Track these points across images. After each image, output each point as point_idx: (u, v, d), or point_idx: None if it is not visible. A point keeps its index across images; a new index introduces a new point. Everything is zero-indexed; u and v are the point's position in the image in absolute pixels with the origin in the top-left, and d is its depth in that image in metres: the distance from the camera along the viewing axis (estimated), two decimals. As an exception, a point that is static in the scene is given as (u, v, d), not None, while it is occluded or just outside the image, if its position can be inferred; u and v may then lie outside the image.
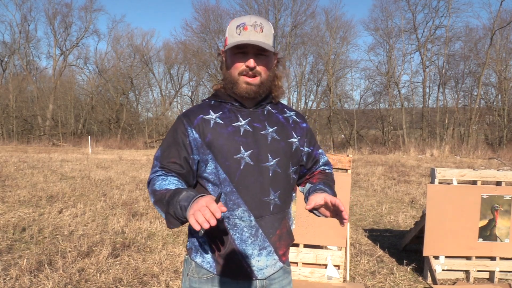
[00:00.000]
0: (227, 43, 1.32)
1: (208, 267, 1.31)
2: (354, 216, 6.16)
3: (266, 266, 1.34)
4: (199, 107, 1.37)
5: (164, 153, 1.32)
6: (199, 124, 1.31)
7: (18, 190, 7.37)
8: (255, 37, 1.27)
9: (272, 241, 1.35)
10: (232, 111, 1.35)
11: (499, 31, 24.75)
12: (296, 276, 3.41)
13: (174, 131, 1.33)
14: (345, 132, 29.96)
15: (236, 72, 1.30)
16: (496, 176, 3.65)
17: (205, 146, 1.30)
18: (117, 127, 31.74)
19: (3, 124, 29.89)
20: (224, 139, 1.29)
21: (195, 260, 1.34)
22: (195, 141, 1.30)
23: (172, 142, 1.32)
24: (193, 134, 1.31)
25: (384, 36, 28.89)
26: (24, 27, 31.63)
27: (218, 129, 1.31)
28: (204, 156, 1.30)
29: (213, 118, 1.33)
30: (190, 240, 1.38)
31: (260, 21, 1.31)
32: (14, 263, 3.73)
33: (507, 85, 24.94)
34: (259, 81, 1.31)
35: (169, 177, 1.27)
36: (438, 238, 3.54)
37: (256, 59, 1.29)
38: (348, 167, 3.53)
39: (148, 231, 4.94)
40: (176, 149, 1.31)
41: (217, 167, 1.29)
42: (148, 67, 32.84)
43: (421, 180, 9.97)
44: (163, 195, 1.21)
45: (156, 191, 1.24)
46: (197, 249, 1.34)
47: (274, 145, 1.34)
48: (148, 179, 1.33)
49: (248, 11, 27.76)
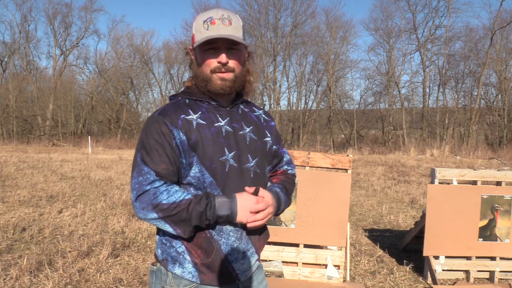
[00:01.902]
0: (195, 39, 1.25)
1: (189, 277, 1.24)
2: (354, 216, 6.16)
3: (249, 267, 1.34)
4: (176, 106, 1.27)
5: (150, 159, 1.19)
6: (183, 124, 1.23)
7: (18, 190, 7.36)
8: (224, 31, 1.22)
9: (253, 242, 1.35)
10: (210, 110, 1.29)
11: (499, 31, 24.77)
12: (296, 276, 3.41)
13: (157, 133, 1.20)
14: (345, 132, 29.96)
15: (208, 70, 1.25)
16: (496, 176, 3.65)
17: (190, 149, 1.22)
18: (117, 127, 31.74)
19: (3, 124, 29.88)
20: (209, 141, 1.24)
21: (173, 272, 1.25)
22: (182, 143, 1.21)
23: (156, 145, 1.20)
24: (180, 136, 1.21)
25: (384, 36, 28.93)
26: (24, 27, 31.67)
27: (201, 130, 1.24)
28: (189, 158, 1.23)
29: (194, 118, 1.25)
30: (163, 251, 1.28)
31: (228, 13, 1.26)
32: (14, 263, 3.73)
33: (507, 85, 24.94)
34: (233, 76, 1.26)
35: (172, 187, 1.19)
36: (438, 238, 3.54)
37: (227, 53, 1.24)
38: (348, 167, 3.53)
39: (148, 231, 4.94)
40: (164, 153, 1.19)
41: (202, 170, 1.23)
42: (148, 67, 32.86)
43: (421, 180, 9.97)
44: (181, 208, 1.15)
45: (164, 205, 1.15)
46: (174, 260, 1.26)
47: (252, 146, 1.33)
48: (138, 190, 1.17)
49: (248, 11, 27.79)
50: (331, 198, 3.44)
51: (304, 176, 3.49)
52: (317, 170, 3.60)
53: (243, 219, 1.20)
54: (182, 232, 1.18)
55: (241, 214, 1.20)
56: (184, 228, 1.17)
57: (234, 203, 1.19)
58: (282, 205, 1.36)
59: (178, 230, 1.17)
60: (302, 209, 3.46)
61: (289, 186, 1.45)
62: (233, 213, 1.19)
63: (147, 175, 1.17)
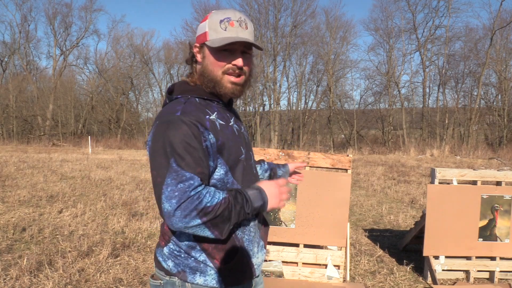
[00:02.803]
0: (208, 38, 1.22)
1: (213, 283, 1.22)
2: (354, 216, 6.16)
3: (262, 261, 1.37)
4: (196, 106, 1.22)
5: (186, 163, 1.11)
6: (211, 126, 1.18)
7: (18, 190, 7.36)
8: (243, 34, 1.21)
9: (261, 235, 1.38)
10: (222, 110, 1.28)
11: (499, 31, 24.76)
12: (296, 276, 3.41)
13: (189, 136, 1.12)
14: (345, 132, 29.96)
15: (219, 71, 1.22)
16: (496, 176, 3.65)
17: (216, 151, 1.19)
18: (117, 127, 31.74)
19: (3, 124, 29.88)
20: (231, 141, 1.23)
21: (194, 282, 1.21)
22: (212, 146, 1.17)
23: (190, 148, 1.12)
24: (211, 138, 1.17)
25: (384, 36, 28.93)
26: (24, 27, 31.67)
27: (224, 131, 1.22)
28: (215, 161, 1.19)
29: (215, 119, 1.22)
30: (178, 263, 1.23)
31: (244, 17, 1.25)
32: (14, 263, 3.73)
33: (507, 85, 24.94)
34: (244, 80, 1.26)
35: (210, 188, 1.15)
36: (438, 238, 3.54)
37: (242, 57, 1.23)
38: (348, 167, 3.53)
39: (148, 231, 4.94)
40: (198, 156, 1.13)
41: (228, 172, 1.22)
42: (148, 67, 32.86)
43: (421, 180, 9.97)
44: (223, 208, 1.12)
45: (209, 208, 1.09)
46: (194, 270, 1.21)
47: (249, 142, 1.39)
48: (180, 197, 1.08)
49: (248, 11, 27.75)
50: (331, 198, 3.44)
51: (304, 176, 3.48)
52: (317, 170, 3.60)
53: (275, 205, 1.23)
54: (219, 233, 1.14)
55: (271, 201, 1.22)
56: (223, 228, 1.14)
57: (263, 192, 1.21)
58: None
59: (216, 232, 1.13)
60: (302, 209, 3.46)
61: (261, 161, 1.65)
62: (265, 202, 1.21)
63: (190, 181, 1.09)
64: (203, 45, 1.25)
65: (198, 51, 1.27)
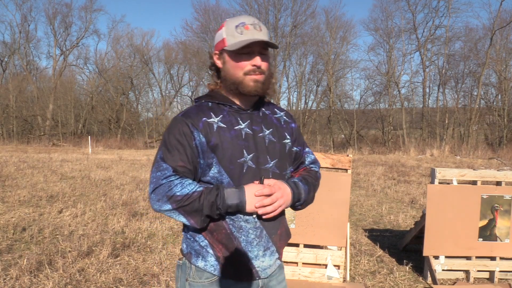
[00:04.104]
0: (226, 43, 1.30)
1: (212, 270, 1.31)
2: (354, 216, 6.16)
3: (269, 265, 1.38)
4: (199, 109, 1.34)
5: (170, 157, 1.27)
6: (204, 127, 1.29)
7: (18, 190, 7.36)
8: (259, 36, 1.28)
9: (274, 241, 1.38)
10: (231, 114, 1.35)
11: (499, 31, 24.75)
12: (296, 276, 3.41)
13: (179, 134, 1.28)
14: (345, 132, 29.96)
15: (240, 72, 1.29)
16: (496, 176, 3.65)
17: (209, 150, 1.28)
18: (117, 127, 31.74)
19: (3, 124, 29.88)
20: (228, 143, 1.29)
21: (196, 265, 1.33)
22: (202, 145, 1.28)
23: (177, 144, 1.27)
24: (200, 138, 1.28)
25: (384, 36, 28.91)
26: (24, 27, 31.67)
27: (221, 133, 1.30)
28: (208, 160, 1.29)
29: (215, 121, 1.31)
30: (188, 245, 1.37)
31: (257, 21, 1.33)
32: (14, 263, 3.73)
33: (507, 85, 24.94)
34: (264, 77, 1.32)
35: (186, 180, 1.26)
36: (438, 238, 3.54)
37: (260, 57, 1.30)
38: (348, 167, 3.53)
39: (148, 231, 4.95)
40: (184, 152, 1.27)
41: (221, 171, 1.29)
42: (148, 67, 32.86)
43: (421, 180, 9.97)
44: (193, 199, 1.22)
45: (178, 196, 1.22)
46: (197, 253, 1.33)
47: (271, 147, 1.37)
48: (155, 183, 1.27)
49: (248, 11, 27.75)
50: (331, 198, 3.44)
51: (304, 176, 3.49)
52: (317, 170, 3.59)
53: (252, 206, 1.26)
54: (195, 222, 1.25)
55: (249, 202, 1.25)
56: (197, 218, 1.24)
57: (242, 192, 1.25)
58: (302, 193, 1.39)
59: (192, 220, 1.24)
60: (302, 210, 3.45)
61: (310, 179, 1.47)
62: (242, 201, 1.25)
63: (165, 171, 1.26)
64: (222, 51, 1.33)
65: (218, 58, 1.36)
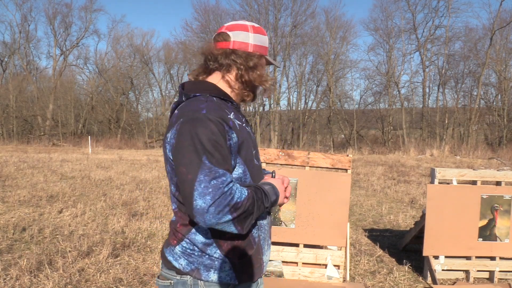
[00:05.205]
0: (266, 53, 1.37)
1: (227, 280, 1.23)
2: (354, 216, 6.16)
3: (269, 259, 1.41)
4: (217, 105, 1.23)
5: (217, 160, 1.12)
6: (234, 125, 1.21)
7: (18, 190, 7.36)
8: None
9: (270, 233, 1.42)
10: (236, 110, 1.31)
11: (499, 31, 24.76)
12: (296, 276, 3.41)
13: (216, 134, 1.14)
14: (345, 132, 29.95)
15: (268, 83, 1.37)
16: (496, 176, 3.65)
17: (237, 150, 1.21)
18: (117, 127, 31.74)
19: (3, 124, 29.87)
20: (248, 141, 1.26)
21: (208, 280, 1.22)
22: (235, 145, 1.19)
23: (218, 146, 1.13)
24: (234, 138, 1.19)
25: (384, 36, 28.91)
26: (24, 27, 31.64)
27: (242, 131, 1.24)
28: (235, 160, 1.21)
29: (232, 118, 1.24)
30: (191, 261, 1.24)
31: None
32: (14, 263, 3.73)
33: (507, 85, 24.94)
34: None
35: (237, 184, 1.17)
36: (438, 238, 3.54)
37: None
38: (348, 167, 3.53)
39: (148, 231, 4.95)
40: (225, 153, 1.15)
41: (245, 170, 1.24)
42: (148, 67, 32.85)
43: (421, 180, 9.97)
44: (249, 204, 1.14)
45: (238, 204, 1.11)
46: (208, 267, 1.23)
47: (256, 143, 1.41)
48: (215, 193, 1.08)
49: (248, 11, 27.76)
50: (331, 198, 3.44)
51: (304, 176, 3.49)
52: (317, 170, 3.60)
53: (283, 201, 1.29)
54: (242, 228, 1.15)
55: (281, 196, 1.28)
56: (245, 223, 1.15)
57: (275, 187, 1.26)
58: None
59: (239, 227, 1.14)
60: (302, 209, 3.46)
61: None
62: (277, 197, 1.26)
63: (223, 177, 1.11)
64: (262, 56, 1.36)
65: (256, 57, 1.34)
